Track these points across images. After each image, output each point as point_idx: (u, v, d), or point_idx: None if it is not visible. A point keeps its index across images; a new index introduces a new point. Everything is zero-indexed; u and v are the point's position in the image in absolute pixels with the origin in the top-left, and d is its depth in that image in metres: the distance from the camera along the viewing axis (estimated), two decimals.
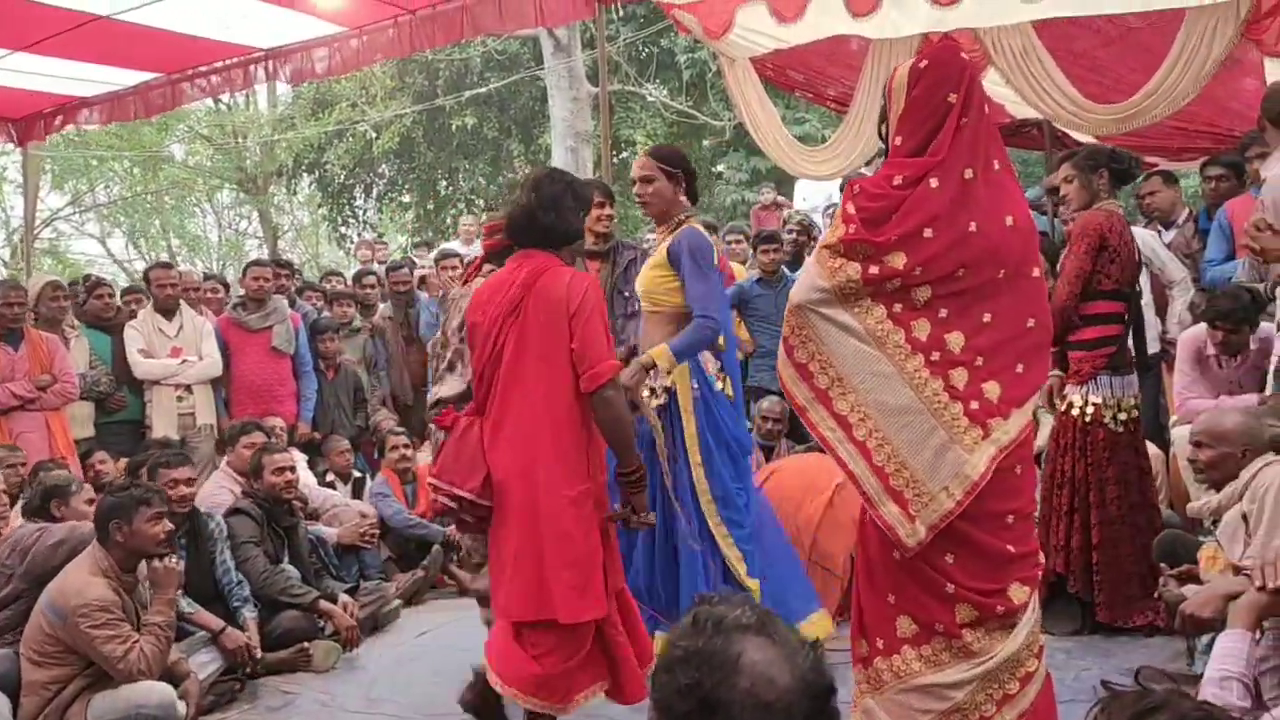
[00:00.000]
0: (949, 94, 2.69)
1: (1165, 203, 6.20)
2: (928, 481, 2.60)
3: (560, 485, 3.15)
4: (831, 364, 2.69)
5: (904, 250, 2.62)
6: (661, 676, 1.39)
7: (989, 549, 2.64)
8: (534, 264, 3.26)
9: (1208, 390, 5.11)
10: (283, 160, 18.67)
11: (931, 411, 2.62)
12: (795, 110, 14.22)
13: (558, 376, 3.18)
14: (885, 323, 2.66)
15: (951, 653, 2.64)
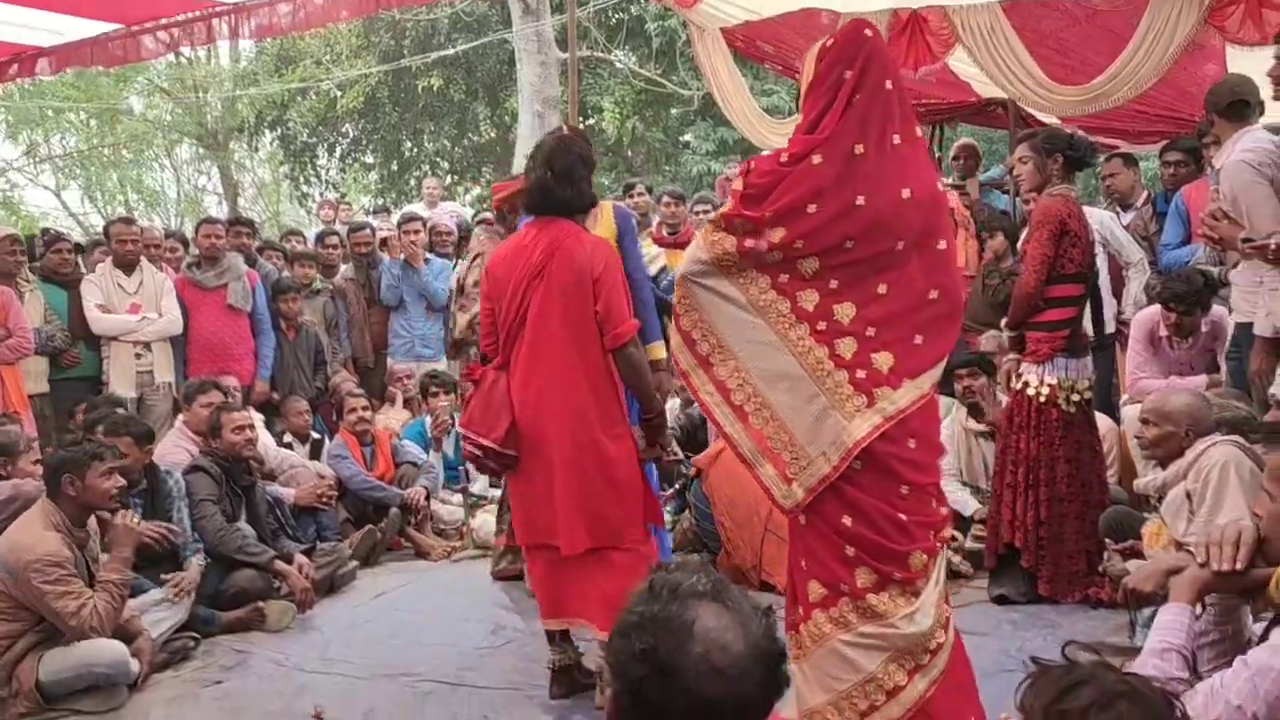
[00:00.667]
0: (845, 71, 2.71)
1: (1125, 185, 6.29)
2: (807, 446, 2.66)
3: (599, 429, 3.47)
4: (713, 331, 2.76)
5: (783, 225, 2.68)
6: (617, 641, 1.42)
7: (882, 516, 2.67)
8: (554, 231, 3.50)
9: (1159, 370, 5.22)
10: (244, 116, 18.37)
11: (814, 378, 2.68)
12: (764, 81, 14.20)
13: (586, 334, 3.46)
14: (769, 293, 2.72)
15: (858, 614, 2.67)
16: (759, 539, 4.87)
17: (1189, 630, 2.09)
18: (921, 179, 2.75)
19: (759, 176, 2.74)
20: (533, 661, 3.96)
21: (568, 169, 3.51)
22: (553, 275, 3.45)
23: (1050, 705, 1.57)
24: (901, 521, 2.68)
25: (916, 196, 2.71)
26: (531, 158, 3.60)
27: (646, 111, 16.88)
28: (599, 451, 3.47)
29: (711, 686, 1.36)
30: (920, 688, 2.66)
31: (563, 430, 3.46)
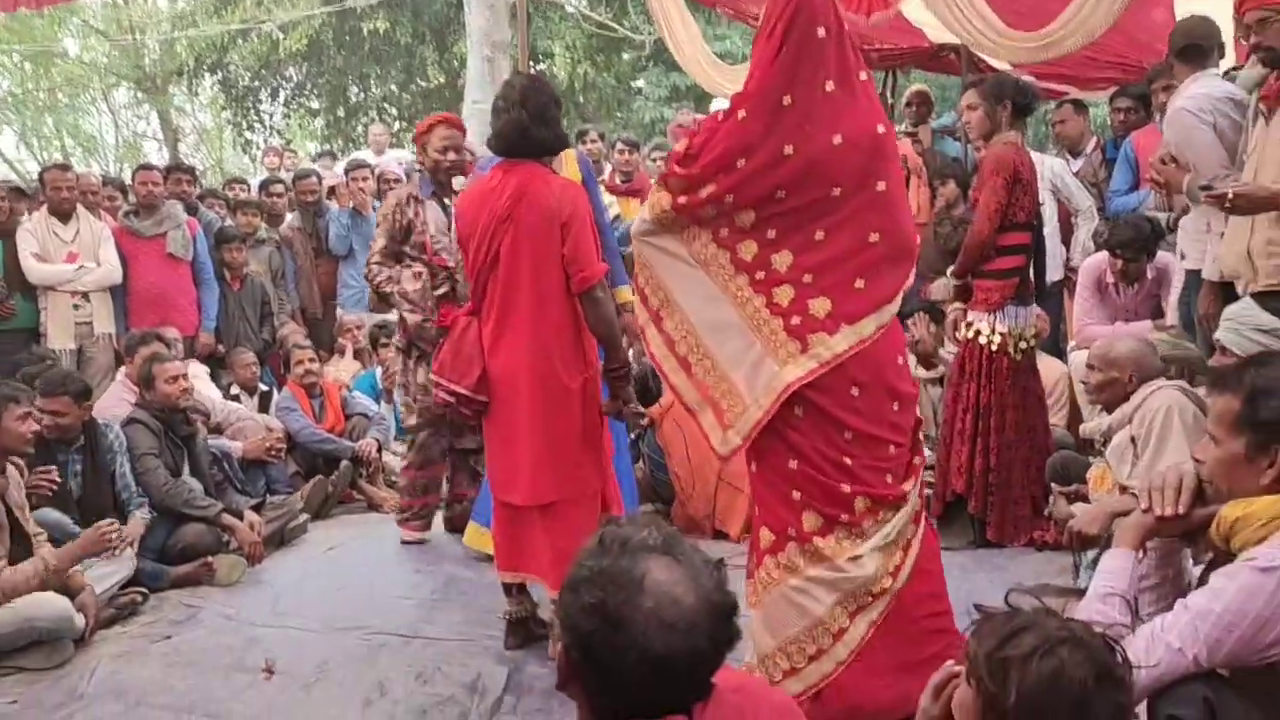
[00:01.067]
0: (776, 24, 2.72)
1: (1074, 131, 6.32)
2: (745, 394, 2.74)
3: (563, 377, 3.44)
4: (661, 286, 2.86)
5: (712, 180, 2.72)
6: (567, 595, 1.40)
7: (824, 459, 2.72)
8: (522, 173, 3.44)
9: (1105, 317, 5.29)
10: (183, 59, 17.81)
11: (752, 327, 2.75)
12: (715, 26, 14.04)
13: (552, 279, 3.42)
14: (710, 246, 2.79)
15: (805, 557, 2.74)
16: (713, 489, 4.89)
17: (1132, 575, 2.12)
18: (856, 123, 2.73)
19: (698, 136, 2.78)
20: (486, 612, 3.96)
21: (542, 109, 3.45)
22: (521, 218, 3.40)
23: (993, 652, 1.60)
24: (845, 465, 2.72)
25: (850, 140, 2.70)
26: (503, 98, 3.49)
27: (598, 56, 16.64)
28: (563, 397, 3.46)
29: (662, 640, 1.35)
30: (860, 629, 2.73)
31: (530, 375, 3.44)
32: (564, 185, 3.56)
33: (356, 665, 3.65)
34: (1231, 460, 2.09)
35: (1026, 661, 1.55)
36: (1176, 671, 1.89)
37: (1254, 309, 3.50)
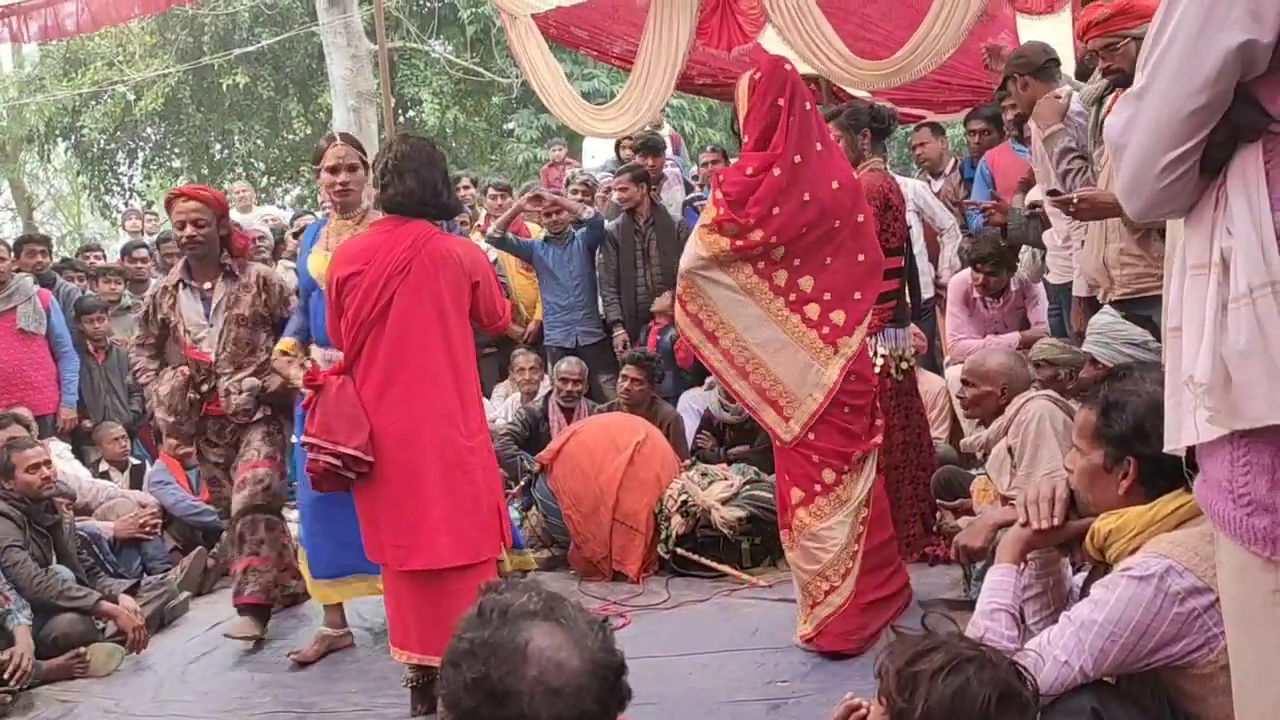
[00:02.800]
0: (778, 99, 3.59)
1: (934, 153, 6.53)
2: (797, 391, 3.60)
3: (462, 436, 3.43)
4: (715, 312, 3.63)
5: (761, 227, 3.54)
6: (449, 670, 1.35)
7: (836, 429, 3.64)
8: (416, 229, 3.44)
9: (976, 330, 5.45)
10: (33, 125, 17.12)
11: (794, 339, 3.59)
12: (583, 66, 14.15)
13: (457, 334, 3.46)
14: (753, 277, 3.59)
15: (830, 503, 3.64)
16: (608, 530, 4.85)
17: (1015, 589, 2.16)
18: (843, 172, 3.72)
19: (731, 186, 3.60)
20: (384, 680, 3.84)
21: (445, 172, 3.54)
22: (423, 272, 3.37)
23: (904, 668, 1.64)
24: (851, 430, 3.67)
25: (842, 184, 3.65)
26: (406, 159, 3.44)
27: (467, 101, 16.60)
28: (463, 459, 3.40)
29: (549, 708, 1.31)
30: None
31: (431, 435, 3.36)
32: (465, 244, 3.70)
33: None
34: (1093, 471, 2.15)
35: (934, 678, 1.59)
36: (1065, 683, 1.92)
37: (1121, 323, 3.62)
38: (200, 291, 4.38)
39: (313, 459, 3.39)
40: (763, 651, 3.83)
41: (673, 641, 4.00)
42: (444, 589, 3.31)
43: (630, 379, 5.64)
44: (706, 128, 16.19)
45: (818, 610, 3.64)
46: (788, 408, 3.60)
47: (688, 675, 3.69)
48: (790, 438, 3.61)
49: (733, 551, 4.77)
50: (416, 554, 3.36)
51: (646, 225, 6.54)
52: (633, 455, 4.95)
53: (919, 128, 6.82)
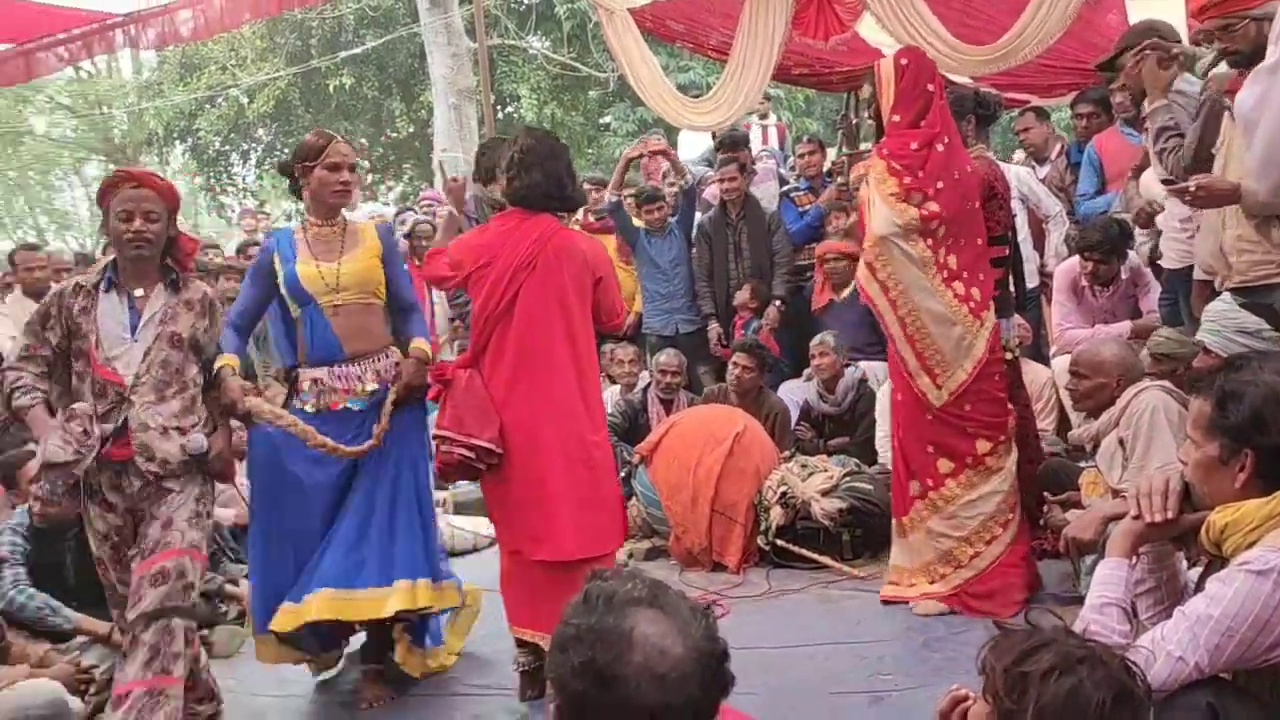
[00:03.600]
0: (927, 84, 3.96)
1: (1039, 138, 6.37)
2: (952, 362, 3.89)
3: (588, 430, 3.47)
4: (901, 280, 3.90)
5: (936, 199, 3.85)
6: (556, 655, 1.39)
7: (988, 398, 3.93)
8: (541, 225, 3.47)
9: (1084, 320, 5.30)
10: (152, 128, 17.90)
11: (950, 313, 3.88)
12: (679, 59, 14.16)
13: (580, 328, 3.47)
14: (926, 251, 3.88)
15: (980, 474, 3.93)
16: (707, 520, 4.88)
17: (1127, 583, 2.11)
18: (967, 159, 4.04)
19: (901, 158, 3.91)
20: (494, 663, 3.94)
21: (570, 166, 3.56)
22: (549, 267, 3.40)
23: (1010, 667, 1.60)
24: (1001, 399, 3.97)
25: (971, 170, 3.99)
26: (531, 153, 3.49)
27: (564, 96, 16.76)
28: (588, 454, 3.43)
29: (654, 693, 1.34)
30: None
31: (557, 429, 3.39)
32: (589, 240, 3.73)
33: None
34: (1208, 464, 2.09)
35: (1045, 678, 1.55)
36: (1179, 679, 1.88)
37: (1235, 310, 3.50)
38: (130, 298, 3.41)
39: (446, 452, 3.43)
40: (865, 644, 3.82)
41: (774, 632, 4.01)
42: (567, 579, 3.29)
43: (741, 366, 5.65)
44: (804, 117, 16.05)
45: (960, 573, 3.95)
46: (941, 376, 3.89)
47: (789, 666, 3.70)
48: (939, 403, 3.90)
49: (833, 543, 4.75)
50: (543, 546, 3.41)
51: (738, 219, 6.55)
52: (732, 446, 4.96)
53: (1022, 113, 6.67)
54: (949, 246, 3.89)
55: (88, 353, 3.33)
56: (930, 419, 3.94)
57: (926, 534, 4.02)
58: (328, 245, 3.73)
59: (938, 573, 4.02)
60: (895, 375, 4.12)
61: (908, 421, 4.04)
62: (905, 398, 4.03)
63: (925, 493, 3.98)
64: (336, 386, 3.67)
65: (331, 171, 3.71)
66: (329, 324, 3.67)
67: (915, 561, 4.10)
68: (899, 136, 3.97)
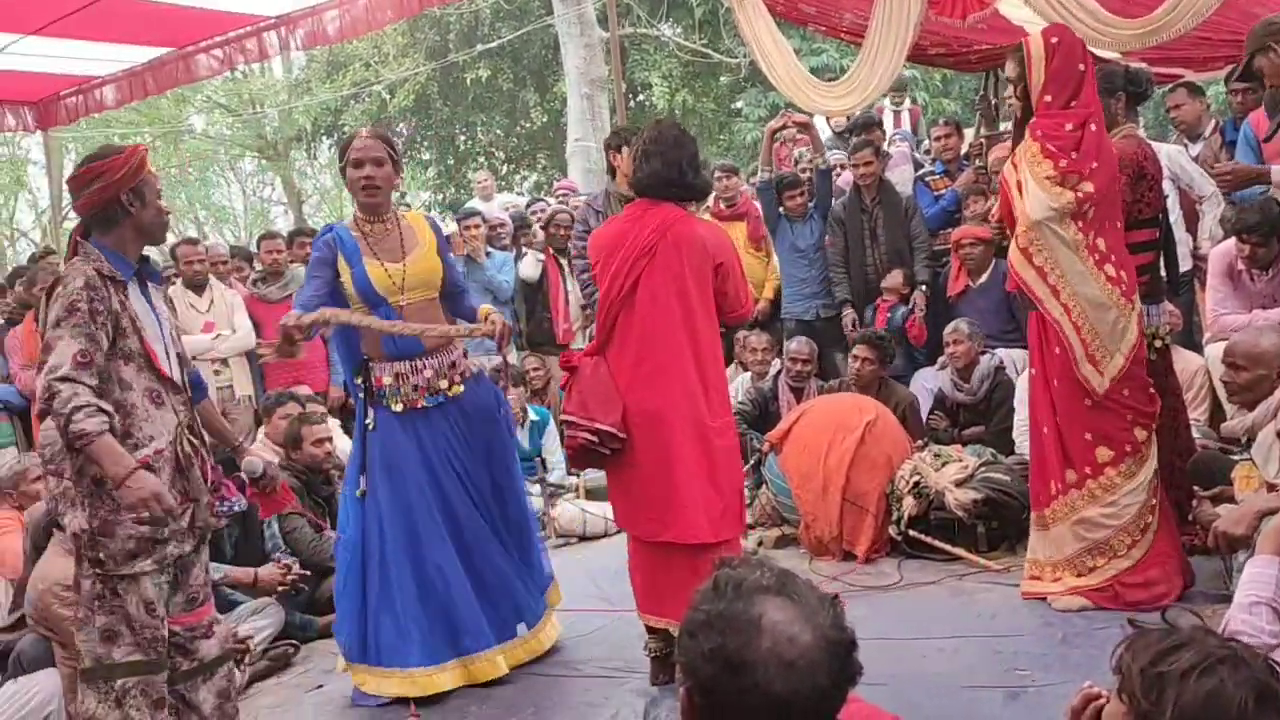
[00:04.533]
0: (1078, 64, 3.86)
1: (1191, 116, 6.08)
2: (1110, 347, 3.81)
3: (708, 416, 3.47)
4: (1059, 265, 3.82)
5: (1091, 179, 3.77)
6: (686, 640, 1.42)
7: (1142, 381, 3.88)
8: (663, 213, 3.49)
9: (1240, 305, 5.05)
10: (301, 125, 18.69)
11: (1105, 296, 3.79)
12: (812, 41, 13.99)
13: (700, 314, 3.47)
14: (1078, 234, 3.80)
15: (1137, 462, 3.86)
16: (837, 509, 4.85)
17: (1278, 582, 2.03)
18: (1110, 139, 3.94)
19: (1058, 140, 3.81)
20: (625, 647, 4.01)
21: (695, 156, 3.56)
22: (667, 254, 3.45)
23: (1148, 667, 1.54)
24: (1148, 383, 3.91)
25: (1115, 150, 3.91)
26: (654, 142, 3.54)
27: (695, 83, 16.77)
28: (707, 439, 3.45)
29: (782, 680, 1.36)
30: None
31: (679, 414, 3.43)
32: (711, 227, 3.71)
33: (493, 705, 3.72)
34: None
35: (1184, 679, 1.49)
36: None
37: None
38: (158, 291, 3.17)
39: (571, 435, 3.53)
40: (1000, 638, 3.74)
41: (905, 623, 3.97)
42: (692, 564, 3.35)
43: (861, 359, 5.59)
44: (941, 98, 15.66)
45: (1116, 563, 3.87)
46: (1102, 363, 3.82)
47: (921, 658, 3.66)
48: (1101, 389, 3.82)
49: (968, 535, 4.67)
50: (667, 528, 3.45)
51: (873, 203, 6.47)
52: (863, 435, 4.92)
53: (1174, 89, 6.36)
54: (1098, 229, 3.80)
55: (148, 350, 2.95)
56: (1089, 406, 3.85)
57: (1077, 525, 3.92)
58: (388, 244, 3.78)
59: (1086, 565, 3.93)
60: (1047, 361, 3.97)
61: (1065, 409, 3.93)
62: (1062, 385, 3.92)
63: (1083, 481, 3.90)
64: (416, 384, 3.76)
65: (355, 168, 3.72)
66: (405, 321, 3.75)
67: (1057, 555, 3.99)
68: (1051, 117, 3.86)
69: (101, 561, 2.82)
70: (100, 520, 2.81)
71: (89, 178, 2.93)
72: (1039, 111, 3.91)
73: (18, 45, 7.18)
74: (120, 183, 2.93)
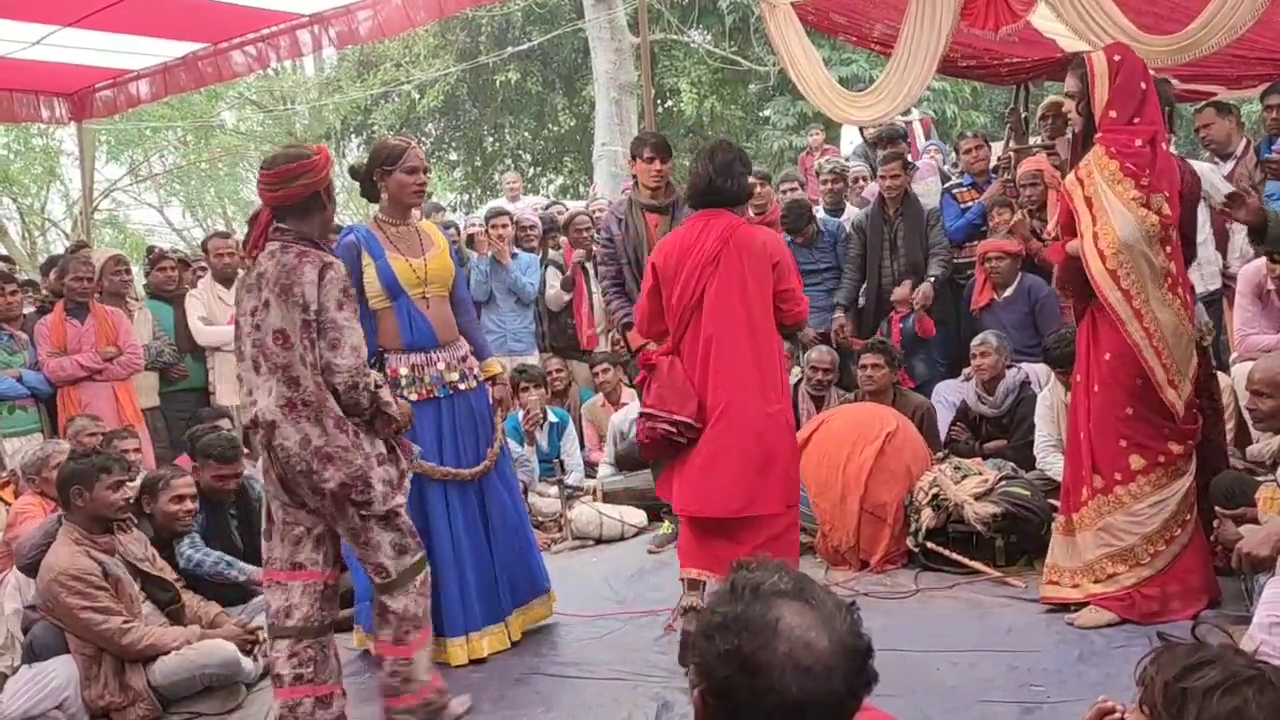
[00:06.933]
0: (1140, 82, 3.86)
1: (1221, 134, 6.03)
2: (1184, 371, 3.85)
3: (763, 404, 3.80)
4: (1144, 289, 3.77)
5: (1169, 201, 3.77)
6: (702, 642, 1.42)
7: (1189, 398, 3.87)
8: (723, 221, 3.87)
9: (1269, 325, 5.01)
10: (331, 123, 18.81)
11: (1179, 320, 3.80)
12: (842, 51, 13.97)
13: (761, 315, 3.83)
14: (1166, 261, 3.79)
15: (1169, 474, 3.87)
16: (855, 519, 4.83)
17: None
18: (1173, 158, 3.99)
19: (1130, 157, 3.78)
20: (638, 650, 4.01)
21: (726, 164, 3.89)
22: (730, 260, 3.80)
23: (1172, 682, 1.54)
24: (1195, 401, 3.92)
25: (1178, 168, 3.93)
26: (695, 160, 4.00)
27: (724, 90, 16.78)
28: (760, 426, 3.78)
29: (798, 684, 1.36)
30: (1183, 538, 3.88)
31: (739, 407, 3.77)
32: (767, 231, 4.12)
33: (505, 704, 3.72)
34: None
35: (1208, 696, 1.48)
36: None
37: None
38: None
39: (650, 428, 3.86)
40: (1016, 653, 3.72)
41: (921, 635, 3.95)
42: (732, 535, 3.78)
43: (870, 365, 5.59)
44: (970, 110, 15.61)
45: (1137, 571, 3.87)
46: (1179, 386, 3.83)
47: (936, 670, 3.64)
48: (1181, 414, 3.84)
49: (986, 549, 4.64)
50: (710, 505, 3.81)
51: (896, 215, 6.46)
52: (883, 445, 4.90)
53: (1203, 107, 6.31)
54: (1169, 255, 3.80)
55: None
56: (1129, 414, 3.88)
57: (1101, 531, 3.93)
58: (409, 243, 4.06)
59: (1106, 571, 3.92)
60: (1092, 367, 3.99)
61: (1102, 415, 3.94)
62: (1103, 391, 3.94)
63: (1111, 487, 3.92)
64: (428, 376, 4.02)
65: (410, 175, 4.02)
66: (424, 314, 4.04)
67: (1078, 561, 3.99)
68: (1119, 132, 3.83)
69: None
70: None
71: (296, 174, 3.26)
72: (1104, 126, 3.88)
73: (54, 36, 7.24)
74: (321, 181, 3.31)
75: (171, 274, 6.94)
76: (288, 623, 3.37)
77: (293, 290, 3.16)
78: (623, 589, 4.85)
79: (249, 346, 3.26)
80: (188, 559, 4.45)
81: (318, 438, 3.20)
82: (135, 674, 3.90)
